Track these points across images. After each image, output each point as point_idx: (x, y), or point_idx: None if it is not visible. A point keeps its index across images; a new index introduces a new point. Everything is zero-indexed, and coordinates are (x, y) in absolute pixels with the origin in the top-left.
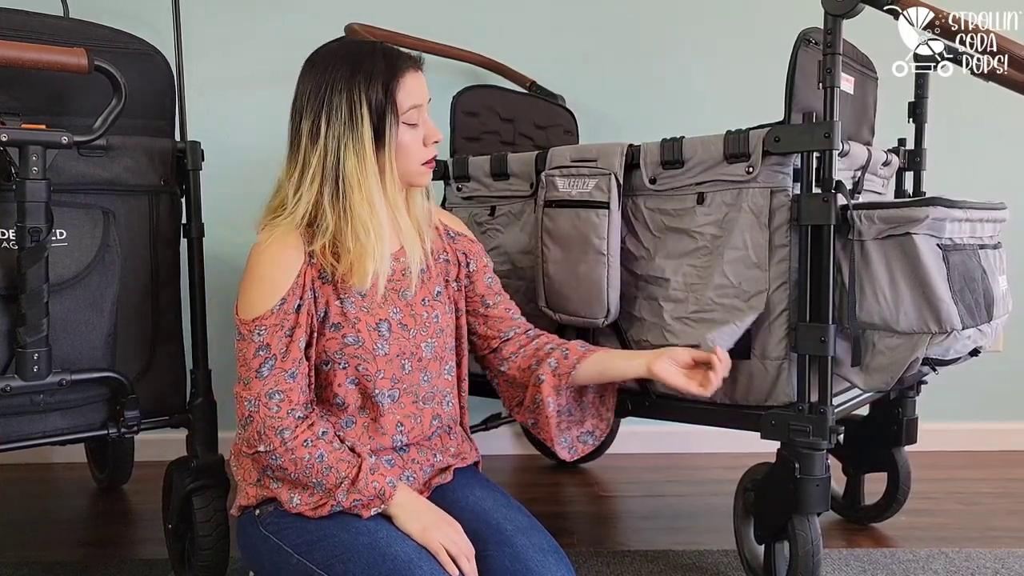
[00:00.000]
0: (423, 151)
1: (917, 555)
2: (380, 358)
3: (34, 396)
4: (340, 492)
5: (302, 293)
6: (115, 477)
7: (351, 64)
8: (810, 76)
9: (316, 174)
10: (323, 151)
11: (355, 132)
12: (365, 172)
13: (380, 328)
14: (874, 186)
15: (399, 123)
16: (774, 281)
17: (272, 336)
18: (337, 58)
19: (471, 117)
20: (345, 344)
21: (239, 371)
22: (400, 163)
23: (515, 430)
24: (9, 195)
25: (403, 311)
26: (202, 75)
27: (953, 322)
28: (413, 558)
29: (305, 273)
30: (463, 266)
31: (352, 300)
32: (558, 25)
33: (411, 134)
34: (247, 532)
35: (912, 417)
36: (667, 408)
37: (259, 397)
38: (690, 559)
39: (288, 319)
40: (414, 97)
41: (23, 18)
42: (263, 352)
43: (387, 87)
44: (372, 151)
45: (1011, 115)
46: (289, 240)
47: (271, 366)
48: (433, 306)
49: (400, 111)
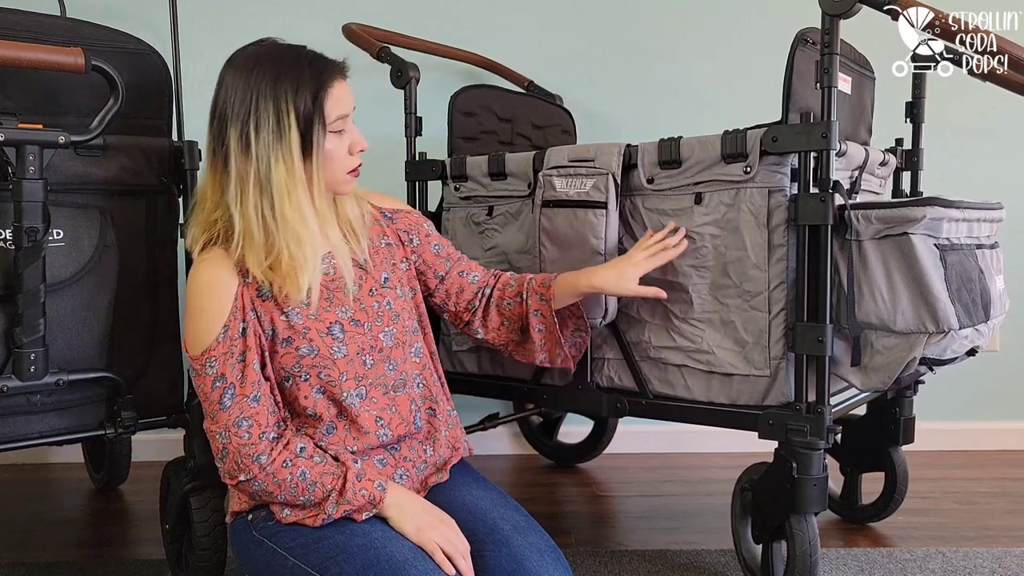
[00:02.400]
0: (348, 159)
1: (914, 554)
2: (340, 361)
3: (31, 396)
4: (329, 505)
5: (243, 316)
6: (112, 477)
7: (276, 70)
8: (808, 76)
9: (250, 185)
10: (255, 161)
11: (283, 141)
12: (294, 182)
13: (333, 331)
14: (871, 186)
15: (326, 132)
16: (772, 281)
17: (224, 365)
18: (262, 63)
19: (468, 117)
20: (301, 356)
21: (203, 407)
22: (326, 172)
23: (513, 430)
24: (6, 195)
25: (352, 308)
26: (199, 74)
27: (950, 322)
28: (408, 558)
29: (242, 295)
30: (406, 244)
31: (297, 311)
32: (556, 25)
33: (337, 142)
34: (241, 537)
35: (909, 417)
36: (664, 408)
37: (228, 428)
38: (687, 559)
39: (236, 344)
40: (342, 107)
41: (20, 17)
42: (220, 383)
43: (315, 96)
44: (300, 161)
45: (1009, 115)
46: (221, 263)
47: (231, 394)
48: (383, 294)
49: (327, 120)
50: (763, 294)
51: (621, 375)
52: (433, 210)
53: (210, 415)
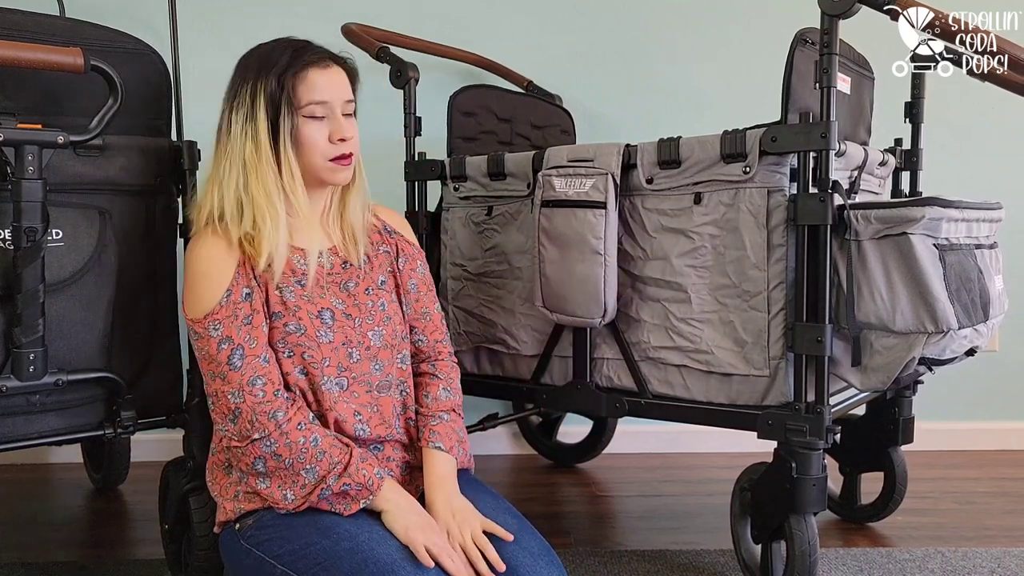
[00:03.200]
0: (328, 147)
1: (913, 554)
2: (324, 345)
3: (30, 396)
4: (331, 477)
5: (247, 282)
6: (111, 477)
7: (262, 58)
8: (807, 76)
9: (226, 164)
10: (232, 139)
11: (253, 120)
12: (259, 160)
13: (323, 316)
14: (871, 186)
15: (296, 115)
16: (772, 281)
17: (230, 328)
18: (256, 55)
19: (468, 117)
20: (287, 332)
21: (206, 369)
22: (302, 157)
23: (512, 430)
24: (5, 195)
25: (346, 301)
26: (199, 74)
27: (949, 322)
28: (396, 559)
29: (244, 263)
30: (395, 259)
31: (292, 289)
32: (555, 25)
33: (314, 128)
34: (229, 547)
35: (908, 417)
36: (663, 408)
37: (241, 387)
38: (687, 559)
39: (240, 308)
40: (319, 93)
41: (19, 17)
42: (226, 344)
43: (281, 79)
44: (268, 141)
45: (1008, 115)
46: (220, 238)
47: (241, 355)
48: (378, 295)
49: (298, 104)
50: (762, 294)
51: (620, 375)
52: (432, 210)
53: (219, 376)
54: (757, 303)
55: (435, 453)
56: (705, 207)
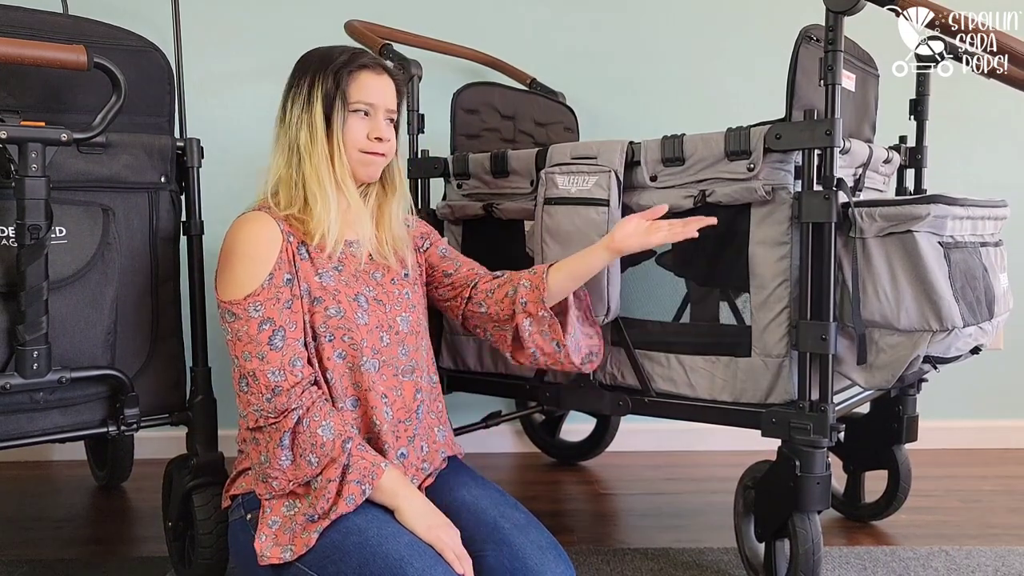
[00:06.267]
0: (365, 142)
1: (917, 553)
2: (362, 327)
3: (34, 394)
4: (345, 453)
5: (288, 268)
6: (115, 475)
7: (322, 56)
8: (811, 73)
9: (283, 147)
10: (287, 127)
11: (310, 111)
12: (314, 146)
13: (359, 299)
14: (875, 183)
15: (347, 110)
16: (776, 278)
17: (271, 310)
18: (317, 53)
19: (471, 114)
20: (328, 316)
21: (242, 350)
22: (346, 147)
23: (515, 428)
24: (8, 192)
25: (376, 289)
26: (202, 72)
27: (954, 320)
28: (404, 555)
29: (287, 249)
30: (420, 250)
31: (330, 274)
32: (558, 22)
33: (356, 121)
34: (238, 538)
35: (913, 415)
36: (667, 406)
37: (283, 367)
38: (690, 557)
39: (282, 292)
40: (366, 94)
41: (22, 15)
42: (267, 325)
43: (337, 76)
44: (323, 131)
45: (1012, 113)
46: (267, 219)
47: (282, 336)
48: (403, 284)
49: (349, 99)
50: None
51: (624, 372)
52: (435, 207)
53: (256, 356)
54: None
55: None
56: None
